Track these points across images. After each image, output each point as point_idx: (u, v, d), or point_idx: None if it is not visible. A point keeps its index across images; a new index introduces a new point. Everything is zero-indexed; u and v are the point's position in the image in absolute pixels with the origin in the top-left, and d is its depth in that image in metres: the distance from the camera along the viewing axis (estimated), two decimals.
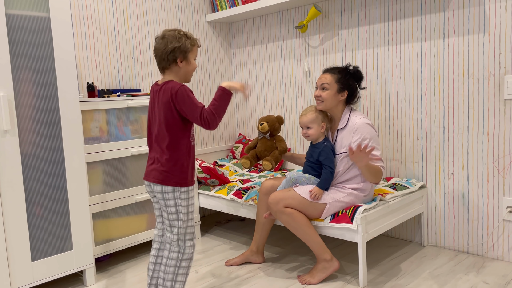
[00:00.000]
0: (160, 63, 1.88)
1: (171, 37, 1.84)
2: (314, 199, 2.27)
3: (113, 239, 2.64)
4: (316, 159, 2.38)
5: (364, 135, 2.27)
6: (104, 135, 2.58)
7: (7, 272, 2.10)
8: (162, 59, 1.86)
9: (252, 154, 2.63)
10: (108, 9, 3.01)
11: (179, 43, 1.83)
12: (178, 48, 1.83)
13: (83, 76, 2.89)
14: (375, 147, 2.28)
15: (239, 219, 3.53)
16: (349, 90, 2.37)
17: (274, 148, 2.61)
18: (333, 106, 2.37)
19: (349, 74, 2.37)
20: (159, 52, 1.85)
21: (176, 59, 1.85)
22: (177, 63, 1.86)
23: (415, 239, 2.84)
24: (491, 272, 2.35)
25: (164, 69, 1.89)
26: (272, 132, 2.62)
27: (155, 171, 1.89)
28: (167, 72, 1.89)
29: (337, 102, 2.37)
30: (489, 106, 2.44)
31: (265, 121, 2.61)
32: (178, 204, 1.89)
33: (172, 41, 1.83)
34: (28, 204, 2.16)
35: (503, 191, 2.45)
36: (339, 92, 2.35)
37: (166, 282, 1.90)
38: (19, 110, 2.11)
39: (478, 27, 2.43)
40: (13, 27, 2.07)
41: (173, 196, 1.88)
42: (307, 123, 2.39)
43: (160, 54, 1.85)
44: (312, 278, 2.30)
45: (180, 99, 1.80)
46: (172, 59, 1.85)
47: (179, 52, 1.84)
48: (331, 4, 3.07)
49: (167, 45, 1.83)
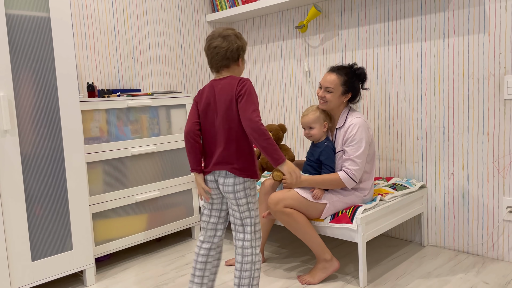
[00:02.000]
0: (221, 61, 1.84)
1: (234, 35, 1.85)
2: (316, 198, 2.27)
3: (113, 239, 2.64)
4: (316, 158, 2.38)
5: (352, 136, 2.28)
6: (104, 135, 2.58)
7: (7, 272, 2.10)
8: (225, 57, 1.83)
9: (257, 166, 2.59)
10: (108, 9, 3.01)
11: (241, 42, 1.86)
12: (242, 48, 1.86)
13: (83, 76, 2.89)
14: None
15: None
16: (353, 92, 2.38)
17: None
18: (336, 106, 2.38)
19: (355, 76, 2.38)
20: (222, 50, 1.82)
21: (239, 58, 1.86)
22: (237, 62, 1.87)
23: (415, 239, 2.84)
24: (491, 272, 2.35)
25: (223, 68, 1.86)
26: (276, 141, 2.59)
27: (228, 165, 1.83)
28: (224, 71, 1.87)
29: (340, 103, 2.38)
30: (489, 106, 2.44)
31: (268, 130, 2.57)
32: (248, 195, 1.86)
33: (236, 41, 1.84)
34: (28, 204, 2.16)
35: (503, 191, 2.45)
36: (343, 94, 2.35)
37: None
38: (19, 110, 2.11)
39: (478, 27, 2.43)
40: (13, 27, 2.07)
41: (243, 188, 1.85)
42: (310, 123, 2.39)
43: (223, 53, 1.82)
44: (312, 278, 2.31)
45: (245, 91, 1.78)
46: (236, 57, 1.85)
47: (242, 52, 1.87)
48: (331, 4, 3.07)
49: (232, 44, 1.83)
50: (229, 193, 1.84)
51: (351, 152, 2.27)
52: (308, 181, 2.30)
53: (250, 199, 1.87)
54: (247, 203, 1.86)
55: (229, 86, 1.81)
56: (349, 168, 2.26)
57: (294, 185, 2.31)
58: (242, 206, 1.86)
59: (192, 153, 1.88)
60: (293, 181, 1.83)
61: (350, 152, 2.27)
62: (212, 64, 1.88)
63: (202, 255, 1.92)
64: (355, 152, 2.26)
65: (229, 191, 1.84)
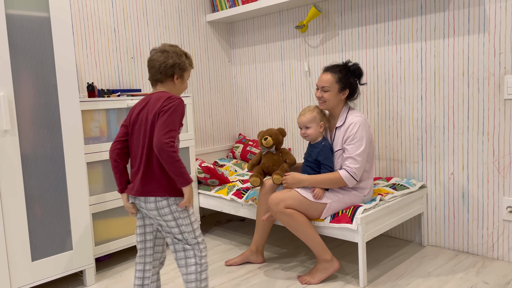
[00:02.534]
0: (154, 75, 1.82)
1: (173, 52, 1.81)
2: (317, 198, 2.27)
3: (113, 239, 2.64)
4: (314, 159, 2.38)
5: (353, 134, 2.28)
6: (104, 135, 2.57)
7: (7, 272, 2.10)
8: (158, 72, 1.81)
9: (259, 171, 2.58)
10: (108, 9, 3.01)
11: (179, 60, 1.81)
12: (178, 65, 1.81)
13: (83, 76, 2.89)
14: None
15: (239, 219, 3.53)
16: (350, 88, 2.38)
17: (282, 162, 2.56)
18: (335, 105, 2.38)
19: (349, 72, 2.38)
20: (156, 64, 1.80)
21: (173, 75, 1.82)
22: (172, 79, 1.83)
23: (415, 239, 2.84)
24: (491, 272, 2.35)
25: (157, 82, 1.84)
26: (277, 146, 2.58)
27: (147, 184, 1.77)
28: (159, 86, 1.84)
29: (339, 101, 2.38)
30: (489, 106, 2.44)
31: (268, 135, 2.55)
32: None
33: (173, 57, 1.80)
34: (28, 204, 2.16)
35: (503, 191, 2.45)
36: (340, 92, 2.35)
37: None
38: (19, 110, 2.11)
39: (478, 27, 2.43)
40: (13, 27, 2.07)
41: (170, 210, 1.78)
42: (306, 123, 2.39)
43: (158, 67, 1.80)
44: (312, 278, 2.30)
45: (168, 108, 1.72)
46: (170, 74, 1.81)
47: (178, 69, 1.82)
48: (331, 4, 3.07)
49: (168, 59, 1.79)
50: (155, 216, 1.80)
51: (352, 150, 2.27)
52: (309, 181, 2.30)
53: (177, 216, 1.79)
54: (175, 220, 1.79)
55: (157, 101, 1.75)
56: (350, 166, 2.26)
57: (295, 185, 2.31)
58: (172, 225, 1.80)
59: (114, 173, 1.86)
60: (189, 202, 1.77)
61: (351, 151, 2.27)
62: (149, 77, 1.87)
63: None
64: (356, 150, 2.26)
65: (154, 215, 1.79)
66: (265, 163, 2.58)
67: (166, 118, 1.70)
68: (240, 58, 3.77)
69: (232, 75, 3.86)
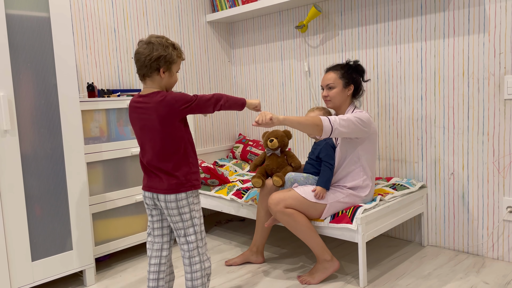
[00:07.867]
0: (140, 69, 1.75)
1: (158, 44, 1.72)
2: (318, 198, 2.27)
3: (113, 239, 2.64)
4: (316, 156, 2.40)
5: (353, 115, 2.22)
6: (104, 135, 2.58)
7: (7, 272, 2.10)
8: (143, 66, 1.73)
9: (261, 172, 2.56)
10: (108, 9, 3.01)
11: (165, 52, 1.72)
12: (164, 57, 1.72)
13: (83, 76, 2.89)
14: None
15: (239, 219, 3.53)
16: (354, 83, 2.39)
17: (286, 164, 2.55)
18: (342, 102, 2.38)
19: (351, 69, 2.40)
20: (141, 57, 1.73)
21: (159, 69, 1.73)
22: (159, 73, 1.74)
23: (415, 239, 2.84)
24: (491, 272, 2.35)
25: (145, 77, 1.77)
26: (282, 148, 2.57)
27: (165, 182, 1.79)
28: (148, 80, 1.77)
29: (345, 98, 2.38)
30: (489, 106, 2.44)
31: (273, 137, 2.53)
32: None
33: (158, 49, 1.71)
34: (28, 204, 2.16)
35: (503, 191, 2.45)
36: (345, 87, 2.37)
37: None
38: (19, 110, 2.11)
39: (478, 27, 2.43)
40: (13, 27, 2.07)
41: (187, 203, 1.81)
42: None
43: (143, 60, 1.72)
44: (312, 278, 2.31)
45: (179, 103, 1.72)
46: (155, 68, 1.73)
47: (163, 62, 1.73)
48: (331, 4, 3.07)
49: (152, 52, 1.71)
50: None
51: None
52: (289, 120, 2.11)
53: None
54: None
55: (153, 108, 1.73)
56: (334, 117, 2.17)
57: (269, 124, 2.05)
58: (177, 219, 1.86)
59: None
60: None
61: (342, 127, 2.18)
62: (136, 71, 1.80)
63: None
64: (344, 116, 2.20)
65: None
66: (269, 165, 2.57)
67: (174, 108, 1.72)
68: (240, 58, 3.77)
69: (232, 75, 3.86)
